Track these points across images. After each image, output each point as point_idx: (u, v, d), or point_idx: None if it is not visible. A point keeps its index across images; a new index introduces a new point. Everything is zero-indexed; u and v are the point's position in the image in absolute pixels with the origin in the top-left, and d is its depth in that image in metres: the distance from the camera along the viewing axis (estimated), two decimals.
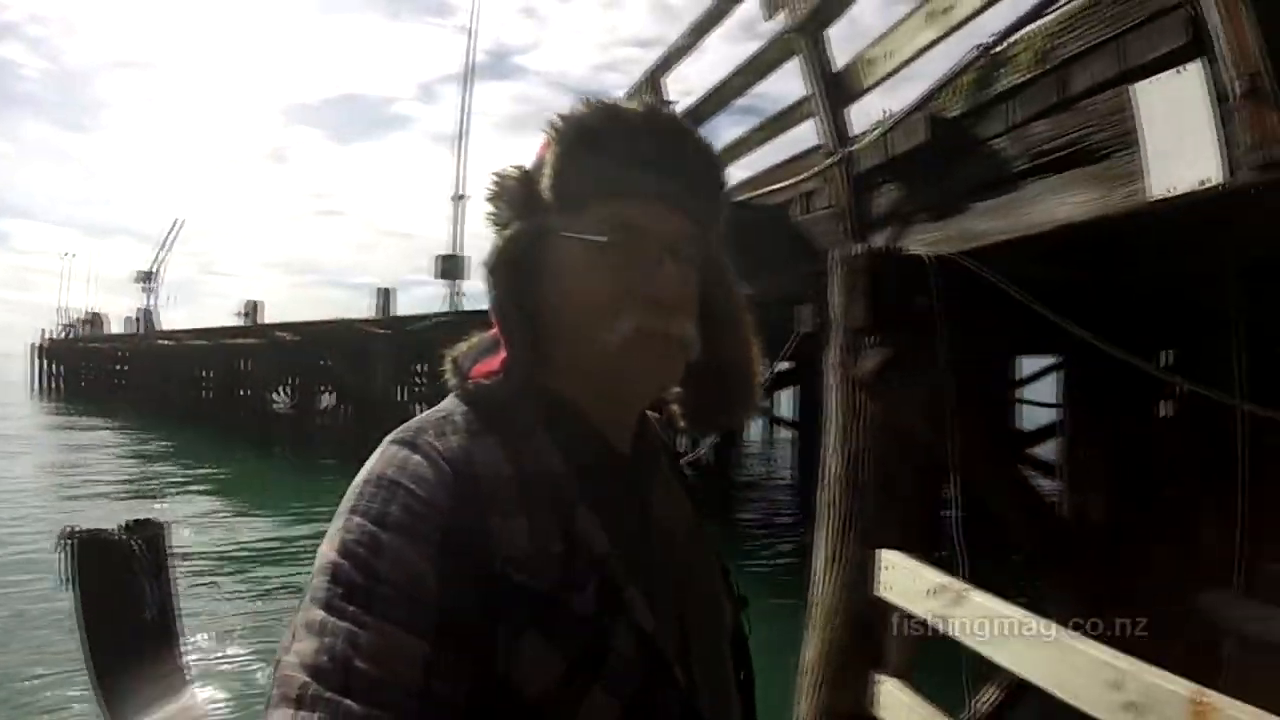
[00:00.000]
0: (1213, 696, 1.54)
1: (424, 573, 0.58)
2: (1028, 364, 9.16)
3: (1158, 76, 2.24)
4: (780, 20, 3.86)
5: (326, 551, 0.61)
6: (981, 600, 2.27)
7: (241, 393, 24.28)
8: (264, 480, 14.41)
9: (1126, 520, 3.10)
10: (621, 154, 0.71)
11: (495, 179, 0.77)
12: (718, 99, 4.73)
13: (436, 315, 14.83)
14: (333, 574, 0.59)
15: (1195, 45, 2.10)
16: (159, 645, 3.66)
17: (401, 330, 14.78)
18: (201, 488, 13.28)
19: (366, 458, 0.68)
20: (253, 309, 26.61)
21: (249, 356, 23.37)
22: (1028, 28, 2.75)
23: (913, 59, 3.26)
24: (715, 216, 0.78)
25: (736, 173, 5.02)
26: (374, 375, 15.58)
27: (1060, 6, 2.62)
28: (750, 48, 4.30)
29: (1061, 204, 2.68)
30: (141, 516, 3.98)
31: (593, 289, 0.71)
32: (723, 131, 5.23)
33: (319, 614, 0.57)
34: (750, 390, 0.82)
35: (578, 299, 0.72)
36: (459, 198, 18.50)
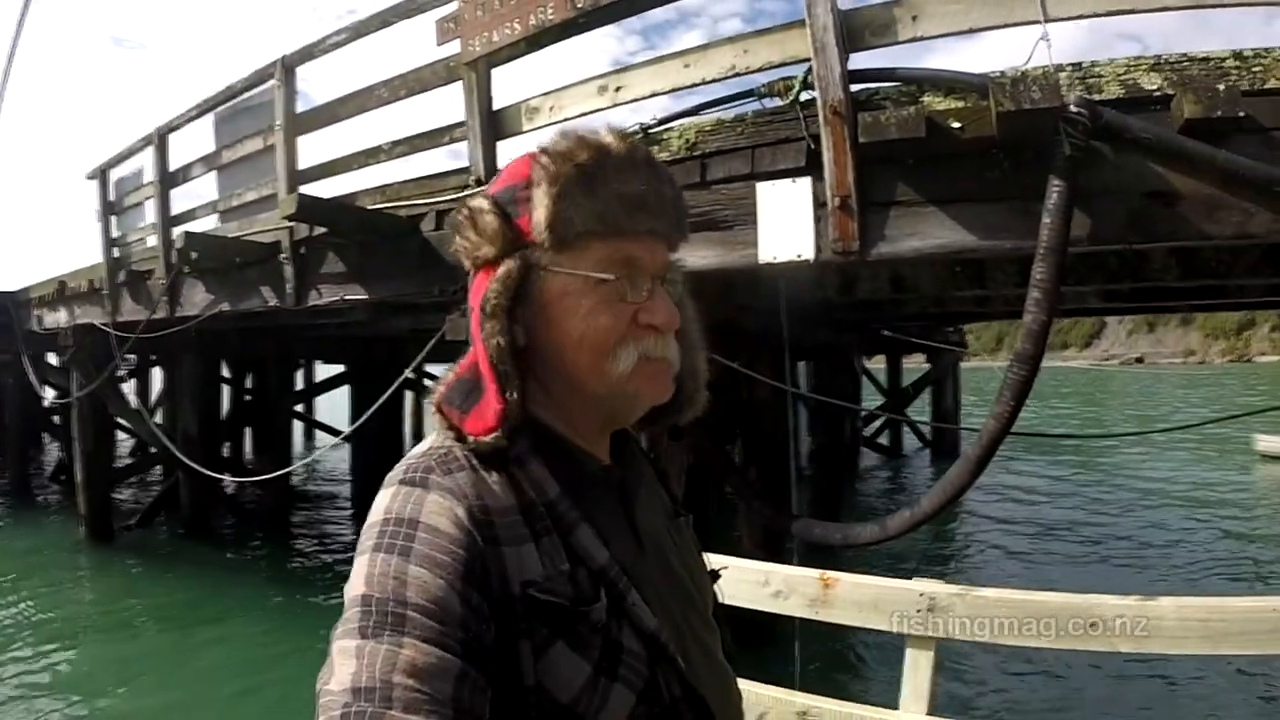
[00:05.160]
0: (832, 574, 2.31)
1: (448, 599, 0.63)
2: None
3: (777, 182, 3.24)
4: (451, 47, 4.15)
5: (355, 586, 0.65)
6: None
7: None
8: None
9: (701, 484, 4.15)
10: (617, 192, 0.75)
11: (467, 210, 0.79)
12: (358, 103, 4.77)
13: None
14: (364, 605, 0.63)
15: (808, 168, 3.13)
16: None
17: None
18: None
19: None
20: None
21: None
22: (682, 120, 3.61)
23: (575, 118, 3.90)
24: (684, 241, 0.84)
25: (365, 180, 5.12)
26: None
27: (711, 113, 3.52)
28: None
29: (690, 256, 3.55)
30: None
31: (599, 327, 0.74)
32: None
33: (354, 642, 0.62)
34: (698, 391, 0.88)
35: (582, 335, 0.75)
36: None
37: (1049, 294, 2.67)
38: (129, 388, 12.70)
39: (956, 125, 2.67)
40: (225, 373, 11.16)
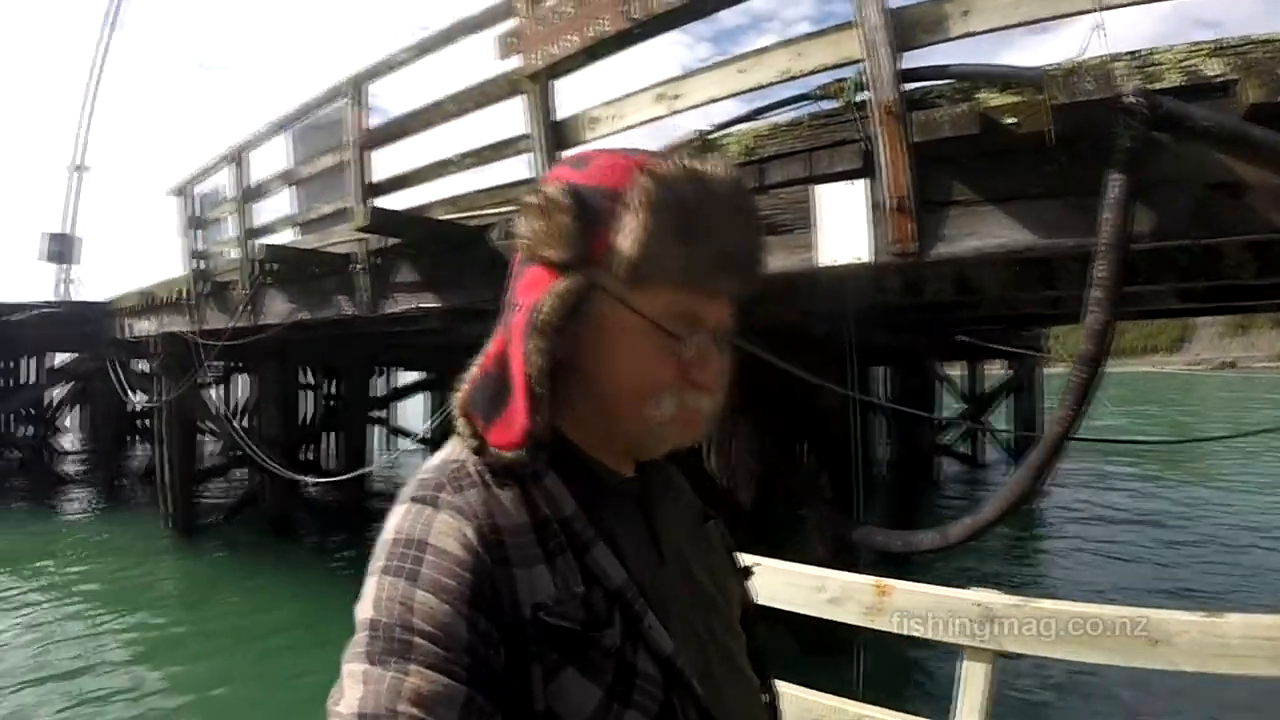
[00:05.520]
0: (888, 581, 2.25)
1: (455, 625, 0.63)
2: None
3: (834, 184, 3.26)
4: (513, 62, 4.29)
5: (364, 609, 0.65)
6: None
7: None
8: None
9: (769, 490, 4.19)
10: (712, 246, 0.71)
11: (542, 198, 0.73)
12: (426, 118, 4.94)
13: (42, 304, 11.90)
14: (371, 629, 0.64)
15: (865, 169, 3.14)
16: None
17: None
18: None
19: None
20: None
21: None
22: (740, 126, 3.66)
23: (635, 126, 3.98)
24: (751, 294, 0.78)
25: (438, 191, 5.29)
26: None
27: (768, 118, 3.57)
28: None
29: None
30: None
31: (648, 372, 0.72)
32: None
33: (362, 666, 0.62)
34: (712, 420, 0.83)
35: (628, 376, 0.73)
36: (80, 167, 14.77)
37: (1111, 293, 2.63)
38: (215, 393, 13.38)
39: (1011, 121, 2.65)
40: (310, 379, 11.61)
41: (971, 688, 2.02)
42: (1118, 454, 14.26)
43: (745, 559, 0.94)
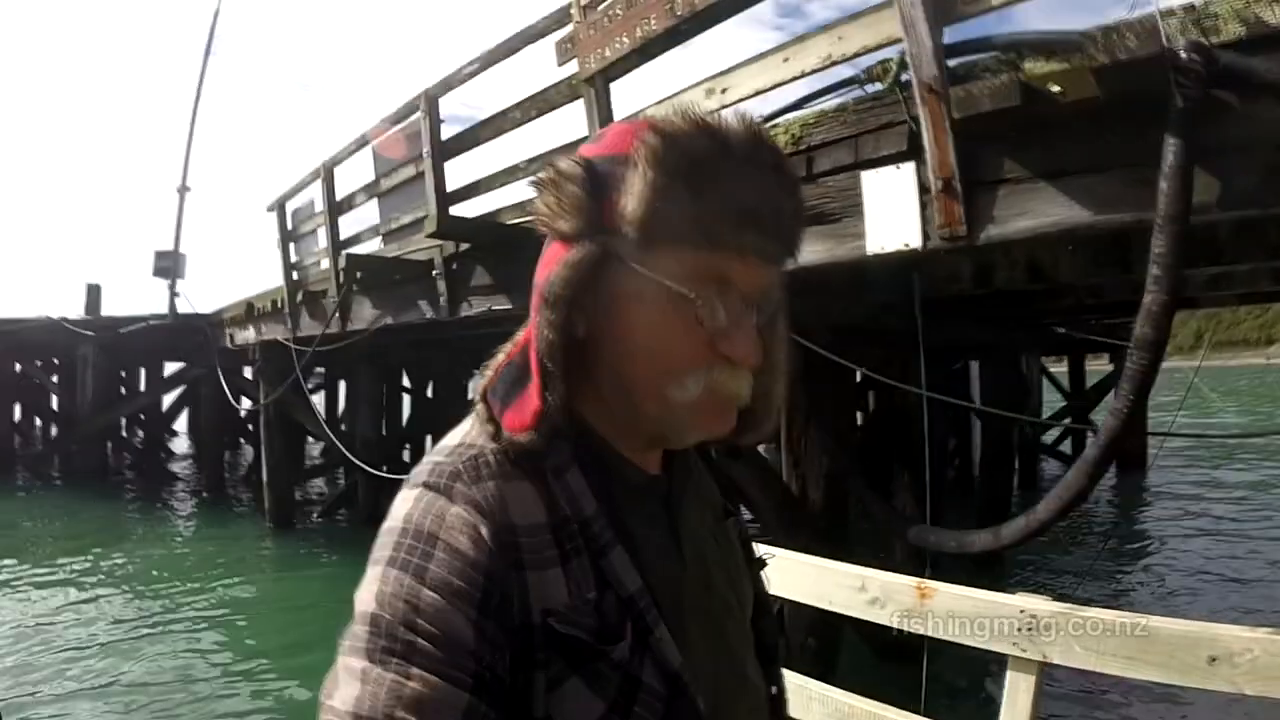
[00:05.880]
0: (929, 583, 2.17)
1: (463, 628, 0.60)
2: None
3: (881, 169, 3.18)
4: (571, 67, 4.38)
5: (365, 600, 0.62)
6: None
7: None
8: None
9: (841, 490, 4.11)
10: (727, 200, 0.65)
11: (553, 171, 0.69)
12: (495, 127, 5.09)
13: (152, 317, 13.00)
14: (372, 625, 0.60)
15: (911, 152, 3.05)
16: None
17: (113, 333, 12.79)
18: None
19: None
20: None
21: None
22: (787, 115, 3.63)
23: None
24: (791, 261, 0.72)
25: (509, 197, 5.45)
26: (80, 385, 13.39)
27: (813, 106, 3.52)
28: None
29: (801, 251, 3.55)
30: None
31: (669, 345, 0.67)
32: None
33: (360, 663, 0.59)
34: (770, 415, 0.78)
35: (647, 351, 0.67)
36: (183, 189, 16.19)
37: (1170, 270, 2.44)
38: (319, 399, 14.12)
39: (1055, 89, 2.50)
40: (408, 383, 12.15)
41: (1016, 701, 1.88)
42: (1228, 458, 13.31)
43: (761, 550, 0.91)
